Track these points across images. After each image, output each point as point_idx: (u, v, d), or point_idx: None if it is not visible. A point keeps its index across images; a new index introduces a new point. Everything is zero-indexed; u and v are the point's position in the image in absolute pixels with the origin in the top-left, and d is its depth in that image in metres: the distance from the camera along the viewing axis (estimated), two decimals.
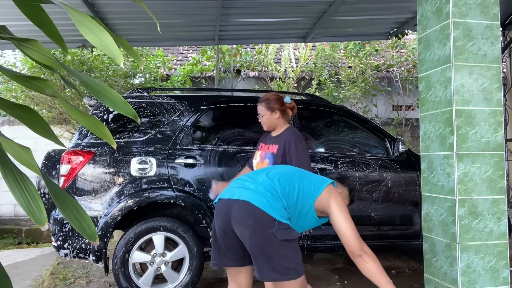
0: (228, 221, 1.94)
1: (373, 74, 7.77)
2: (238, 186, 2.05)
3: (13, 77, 0.97)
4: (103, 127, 0.99)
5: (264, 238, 1.83)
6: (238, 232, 1.91)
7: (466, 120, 2.43)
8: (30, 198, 0.84)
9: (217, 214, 2.02)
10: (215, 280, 3.85)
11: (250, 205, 1.88)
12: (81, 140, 3.28)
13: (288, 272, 1.85)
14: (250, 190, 1.96)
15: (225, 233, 1.97)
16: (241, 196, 1.94)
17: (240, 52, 8.04)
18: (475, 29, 2.47)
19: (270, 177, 2.03)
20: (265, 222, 1.84)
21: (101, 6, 4.53)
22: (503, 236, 2.45)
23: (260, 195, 1.92)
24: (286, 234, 1.85)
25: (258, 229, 1.84)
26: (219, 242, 2.01)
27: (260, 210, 1.86)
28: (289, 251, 1.87)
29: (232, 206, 1.94)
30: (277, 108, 2.75)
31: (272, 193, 1.94)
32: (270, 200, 1.90)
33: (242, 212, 1.89)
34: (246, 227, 1.86)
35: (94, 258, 3.12)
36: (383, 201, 3.59)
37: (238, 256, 2.02)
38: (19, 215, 6.95)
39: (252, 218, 1.86)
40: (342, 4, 4.55)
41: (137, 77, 6.95)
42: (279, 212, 1.87)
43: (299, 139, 2.71)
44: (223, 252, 2.03)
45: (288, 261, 1.86)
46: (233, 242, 1.97)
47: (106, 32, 0.93)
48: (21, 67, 6.45)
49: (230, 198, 1.98)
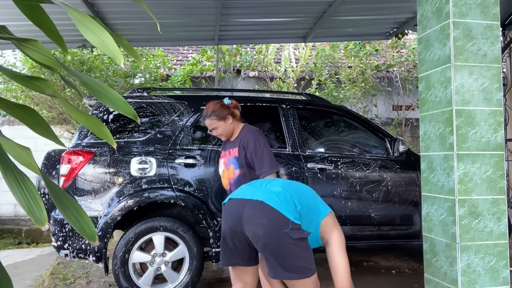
0: (238, 221, 1.93)
1: (373, 74, 7.77)
2: (250, 187, 2.05)
3: (13, 77, 0.97)
4: (103, 127, 0.99)
5: (277, 238, 1.84)
6: (250, 232, 1.90)
7: (466, 120, 2.43)
8: (30, 198, 0.84)
9: (227, 214, 2.01)
10: (215, 280, 3.85)
11: (264, 204, 1.88)
12: (81, 140, 3.28)
13: (302, 271, 1.86)
14: (264, 191, 1.96)
15: (234, 233, 1.96)
16: (254, 196, 1.94)
17: (240, 52, 8.04)
18: (475, 29, 2.47)
19: (286, 184, 2.05)
20: (279, 222, 1.84)
21: (101, 6, 4.53)
22: (503, 236, 2.45)
23: (274, 195, 1.92)
24: (299, 233, 1.86)
25: (272, 228, 1.84)
26: (228, 242, 2.01)
27: (274, 210, 1.86)
28: (301, 250, 1.87)
29: (244, 205, 1.93)
30: (227, 113, 2.71)
31: (286, 196, 1.94)
32: (284, 201, 1.90)
33: (255, 212, 1.89)
34: (259, 226, 1.86)
35: (94, 258, 3.12)
36: (383, 201, 3.59)
37: (245, 256, 2.01)
38: (19, 215, 6.95)
39: (266, 218, 1.86)
40: (342, 4, 4.55)
41: (137, 77, 6.95)
42: (292, 213, 1.87)
43: (255, 135, 2.66)
44: (230, 252, 2.02)
45: (301, 260, 1.86)
46: (241, 242, 1.96)
47: (106, 32, 0.93)
48: (21, 67, 6.45)
49: (242, 198, 1.98)
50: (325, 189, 3.44)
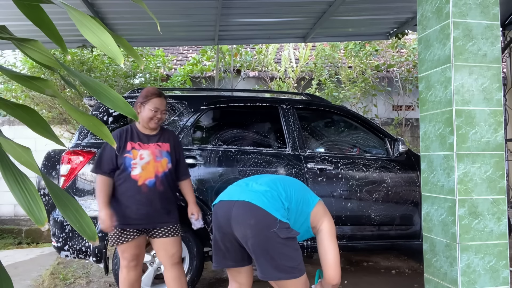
0: (227, 222, 1.93)
1: (373, 74, 7.77)
2: (237, 188, 2.05)
3: (13, 77, 0.97)
4: (103, 127, 0.99)
5: (266, 237, 1.84)
6: (239, 233, 1.90)
7: (466, 120, 2.43)
8: (30, 198, 0.84)
9: (216, 216, 2.02)
10: (215, 280, 3.85)
11: (251, 204, 1.88)
12: (81, 140, 3.28)
13: (291, 271, 1.85)
14: (249, 191, 1.96)
15: (224, 235, 1.97)
16: (241, 197, 1.94)
17: (240, 52, 8.05)
18: (475, 29, 2.47)
19: (272, 181, 2.04)
20: (267, 221, 1.84)
21: (101, 6, 4.53)
22: (503, 236, 2.44)
23: (261, 195, 1.92)
24: (288, 233, 1.86)
25: (260, 228, 1.84)
26: (219, 244, 2.01)
27: (261, 209, 1.86)
28: (290, 250, 1.87)
29: (232, 207, 1.94)
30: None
31: (273, 194, 1.94)
32: (271, 200, 1.90)
33: (243, 212, 1.89)
34: (247, 226, 1.86)
35: (95, 259, 3.12)
36: (383, 201, 3.58)
37: (237, 257, 2.02)
38: (19, 215, 6.95)
39: (253, 218, 1.86)
40: (342, 4, 4.55)
41: (137, 77, 6.95)
42: (280, 212, 1.88)
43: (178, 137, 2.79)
44: (223, 254, 2.03)
45: (290, 259, 1.86)
46: (232, 243, 1.97)
47: (106, 32, 0.93)
48: (21, 67, 6.45)
49: (230, 199, 1.98)
50: (325, 190, 3.44)
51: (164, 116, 2.61)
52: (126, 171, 2.48)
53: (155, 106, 2.53)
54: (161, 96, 2.59)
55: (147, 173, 2.50)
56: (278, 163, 3.41)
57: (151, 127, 2.57)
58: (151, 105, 2.53)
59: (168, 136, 2.66)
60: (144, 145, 2.55)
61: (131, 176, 2.47)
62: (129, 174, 2.47)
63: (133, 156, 2.50)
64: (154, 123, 2.56)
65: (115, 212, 2.46)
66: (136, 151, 2.51)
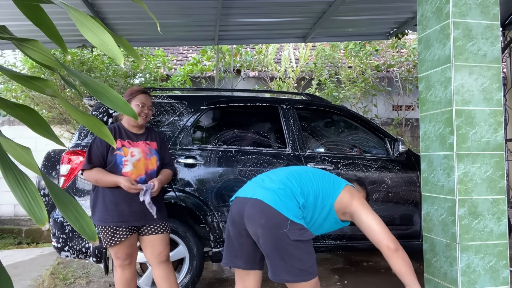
0: (241, 219, 1.92)
1: (373, 74, 7.78)
2: (253, 184, 2.03)
3: (13, 77, 0.97)
4: (103, 127, 0.99)
5: (276, 237, 1.81)
6: (251, 231, 1.89)
7: (466, 120, 2.43)
8: (30, 197, 0.84)
9: (231, 212, 2.00)
10: (215, 280, 3.85)
11: (263, 203, 1.87)
12: (81, 140, 3.28)
13: (300, 274, 1.82)
14: (264, 189, 1.94)
15: (238, 232, 1.96)
16: (255, 195, 1.93)
17: (240, 52, 8.05)
18: (475, 29, 2.47)
19: (287, 177, 2.01)
20: (278, 221, 1.82)
21: (101, 6, 4.54)
22: (503, 236, 2.45)
23: (274, 193, 1.90)
24: (299, 235, 1.82)
25: (270, 228, 1.82)
26: (232, 241, 2.00)
27: (273, 209, 1.84)
28: (302, 252, 1.84)
29: (245, 204, 1.93)
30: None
31: (286, 192, 1.91)
32: (284, 199, 1.88)
33: (254, 211, 1.88)
34: (258, 225, 1.85)
35: (95, 259, 3.12)
36: (383, 201, 3.59)
37: (249, 259, 1.99)
38: (19, 215, 6.95)
39: (264, 217, 1.84)
40: (342, 4, 4.55)
41: (137, 77, 6.95)
42: (292, 212, 1.85)
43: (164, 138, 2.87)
44: (234, 252, 2.00)
45: (300, 262, 1.83)
46: (245, 241, 1.95)
47: (106, 32, 0.93)
48: (21, 67, 6.45)
49: (244, 196, 1.97)
50: None
51: (151, 113, 2.68)
52: (117, 168, 2.52)
53: (141, 101, 2.62)
54: (146, 92, 2.69)
55: (138, 170, 2.54)
56: (278, 163, 3.41)
57: (139, 123, 2.63)
58: (137, 101, 2.62)
59: (154, 135, 2.72)
60: (133, 143, 2.60)
61: (123, 173, 2.51)
62: (120, 171, 2.51)
63: (124, 154, 2.55)
64: (142, 119, 2.62)
65: (108, 210, 2.49)
66: (127, 149, 2.56)
